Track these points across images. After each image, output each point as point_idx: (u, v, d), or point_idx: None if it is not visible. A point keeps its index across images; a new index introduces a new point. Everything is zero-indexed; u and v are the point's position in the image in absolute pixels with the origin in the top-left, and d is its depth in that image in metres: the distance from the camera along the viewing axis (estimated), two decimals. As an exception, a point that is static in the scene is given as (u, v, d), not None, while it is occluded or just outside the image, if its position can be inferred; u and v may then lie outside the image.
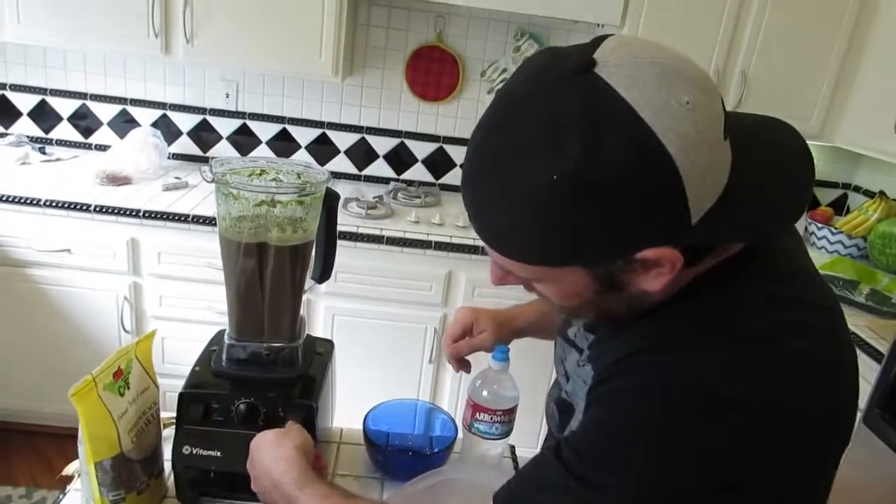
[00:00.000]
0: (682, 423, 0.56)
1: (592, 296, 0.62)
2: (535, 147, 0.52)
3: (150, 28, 2.21)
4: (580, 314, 0.70)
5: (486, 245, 0.61)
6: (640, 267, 0.58)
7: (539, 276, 0.62)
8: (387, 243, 2.20)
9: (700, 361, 0.57)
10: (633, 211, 0.53)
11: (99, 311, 2.27)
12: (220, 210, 0.90)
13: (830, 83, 2.36)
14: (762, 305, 0.60)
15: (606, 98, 0.51)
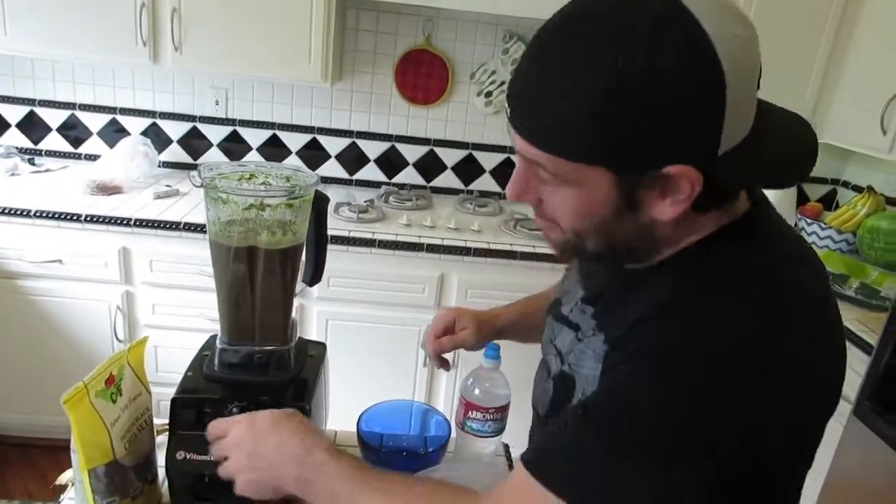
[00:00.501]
0: (713, 378, 0.58)
1: (609, 215, 0.64)
2: (606, 48, 0.56)
3: (138, 37, 2.21)
4: (586, 244, 0.69)
5: (528, 140, 0.63)
6: (660, 186, 0.61)
7: (570, 176, 0.62)
8: (379, 247, 2.21)
9: (725, 320, 0.59)
10: (680, 118, 0.57)
11: (92, 322, 2.26)
12: (210, 215, 0.91)
13: (817, 80, 2.38)
14: (780, 264, 0.65)
15: (675, 9, 0.56)
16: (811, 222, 2.57)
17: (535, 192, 0.68)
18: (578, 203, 0.65)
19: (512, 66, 2.60)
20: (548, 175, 0.64)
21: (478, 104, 2.67)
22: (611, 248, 0.68)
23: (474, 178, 2.80)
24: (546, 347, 0.88)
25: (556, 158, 0.61)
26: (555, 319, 0.86)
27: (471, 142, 2.75)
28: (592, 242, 0.68)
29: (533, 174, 0.66)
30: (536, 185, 0.67)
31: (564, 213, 0.67)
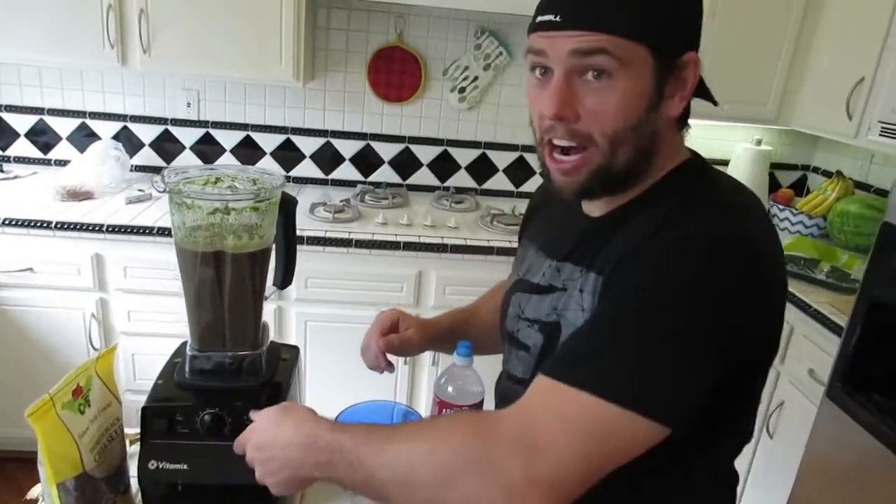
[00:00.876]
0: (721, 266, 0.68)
1: (643, 111, 0.74)
2: None
3: (106, 39, 2.18)
4: (619, 158, 0.76)
5: (585, 27, 0.71)
6: (678, 77, 0.74)
7: (625, 58, 0.71)
8: (355, 246, 2.20)
9: (722, 223, 0.71)
10: (695, 11, 0.76)
11: (66, 330, 2.23)
12: (175, 220, 0.90)
13: (784, 68, 2.41)
14: (737, 186, 0.80)
15: None
16: (783, 208, 2.61)
17: (575, 103, 0.73)
18: (624, 94, 0.72)
19: (484, 62, 2.60)
20: (604, 60, 0.71)
21: (452, 100, 2.67)
22: (633, 163, 0.76)
23: (450, 174, 2.80)
24: (511, 325, 0.94)
25: (612, 37, 0.70)
26: (522, 292, 0.92)
27: (446, 138, 2.74)
28: (623, 153, 0.75)
29: (574, 85, 0.73)
30: (577, 95, 0.73)
31: (608, 113, 0.73)
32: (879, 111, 1.99)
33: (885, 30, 2.00)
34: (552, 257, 0.88)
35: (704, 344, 0.66)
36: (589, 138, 0.75)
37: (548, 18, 0.72)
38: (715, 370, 0.68)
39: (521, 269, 0.96)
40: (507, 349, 0.96)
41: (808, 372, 1.85)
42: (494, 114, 2.72)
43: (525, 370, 0.90)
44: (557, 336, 0.83)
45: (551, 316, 0.85)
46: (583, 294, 0.79)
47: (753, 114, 2.47)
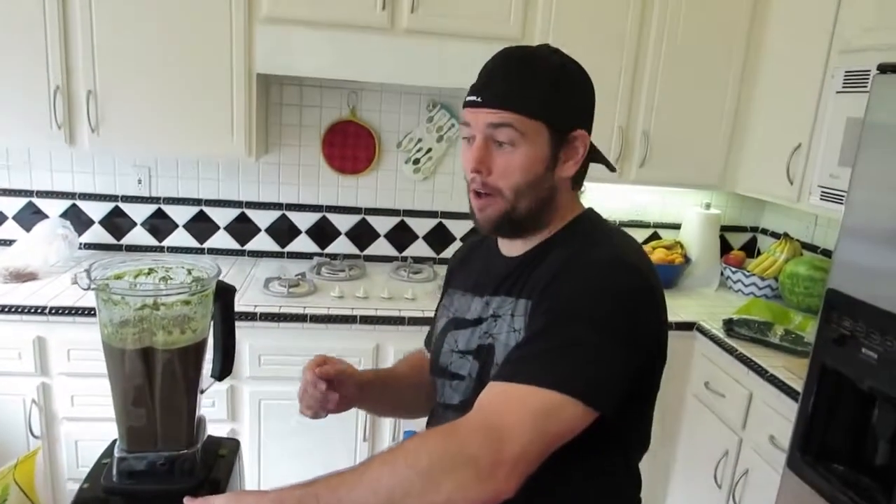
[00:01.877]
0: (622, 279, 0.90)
1: (541, 171, 0.95)
2: (548, 56, 0.97)
3: (53, 119, 2.15)
4: (519, 207, 0.96)
5: (499, 106, 0.92)
6: (569, 147, 0.96)
7: (526, 131, 0.92)
8: (311, 321, 2.16)
9: (614, 250, 0.96)
10: (585, 101, 1.00)
11: (4, 418, 2.11)
12: (101, 317, 0.86)
13: (726, 135, 2.50)
14: (622, 233, 1.03)
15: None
16: (735, 270, 2.65)
17: (489, 161, 0.94)
18: (526, 158, 0.93)
19: (437, 133, 2.65)
20: (509, 134, 0.92)
21: (406, 171, 2.69)
22: (534, 210, 0.97)
23: (408, 244, 2.80)
24: (445, 359, 1.08)
25: (520, 115, 0.91)
26: (455, 329, 1.07)
27: (402, 208, 2.76)
28: (524, 203, 0.96)
29: (489, 148, 0.94)
30: (492, 155, 0.94)
31: (512, 172, 0.94)
32: (818, 176, 2.06)
33: (816, 98, 2.10)
34: (480, 294, 1.05)
35: (618, 339, 0.85)
36: (498, 190, 0.96)
37: (472, 98, 0.95)
38: (630, 360, 0.87)
39: (449, 312, 1.12)
40: (441, 384, 1.09)
41: (770, 439, 1.84)
42: (450, 183, 2.75)
43: (462, 395, 1.03)
44: (492, 356, 0.98)
45: (483, 340, 1.00)
46: (514, 318, 0.96)
47: (699, 179, 2.55)
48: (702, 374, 2.23)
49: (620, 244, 0.98)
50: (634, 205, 2.86)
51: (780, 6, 2.34)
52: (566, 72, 0.96)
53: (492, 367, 0.97)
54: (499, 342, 0.97)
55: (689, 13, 2.37)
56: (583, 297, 0.87)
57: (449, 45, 2.23)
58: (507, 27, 2.29)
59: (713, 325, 2.23)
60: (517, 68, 0.94)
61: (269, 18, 2.18)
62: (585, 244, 0.96)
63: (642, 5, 2.35)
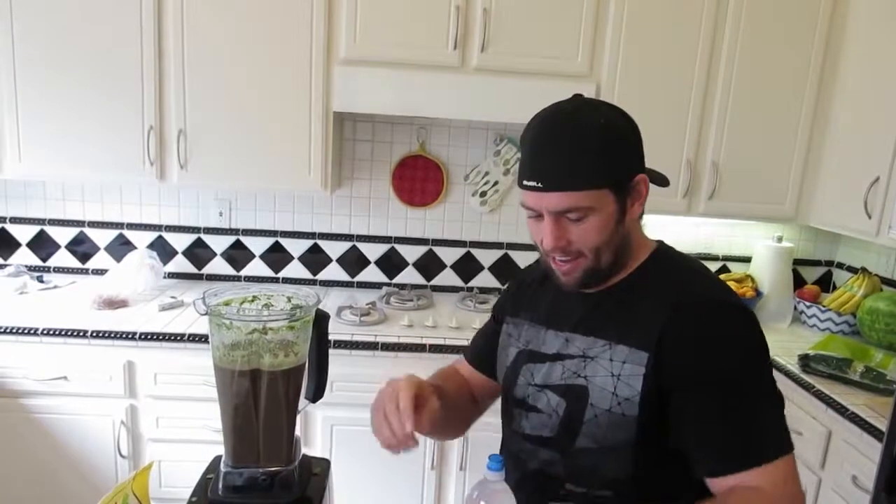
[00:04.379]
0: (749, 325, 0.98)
1: (614, 226, 0.98)
2: (590, 118, 0.96)
3: (146, 157, 2.31)
4: (602, 262, 1.00)
5: (564, 190, 0.94)
6: (634, 192, 1.00)
7: (592, 203, 0.95)
8: (382, 349, 2.22)
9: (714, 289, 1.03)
10: (636, 148, 1.00)
11: (95, 438, 2.24)
12: (214, 340, 0.93)
13: (799, 167, 2.46)
14: (700, 263, 1.10)
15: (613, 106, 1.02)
16: (810, 305, 2.59)
17: (566, 235, 0.98)
18: (598, 224, 0.97)
19: (504, 167, 2.70)
20: (576, 213, 0.95)
21: (473, 204, 2.75)
22: (615, 259, 1.01)
23: (474, 275, 2.85)
24: (522, 391, 1.10)
25: (583, 192, 0.94)
26: (531, 362, 1.10)
27: (468, 240, 2.81)
28: (606, 256, 1.00)
29: (561, 222, 0.97)
30: (565, 229, 0.98)
31: (590, 237, 0.97)
32: (898, 209, 2.01)
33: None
34: (556, 329, 1.08)
35: (773, 384, 0.97)
36: (578, 252, 1.00)
37: (532, 184, 0.97)
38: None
39: (519, 343, 1.15)
40: (518, 413, 1.12)
41: (852, 479, 1.77)
42: (515, 216, 2.79)
43: (543, 429, 1.07)
44: (585, 398, 1.01)
45: (572, 380, 1.03)
46: (612, 363, 1.00)
47: (771, 213, 2.51)
48: (777, 410, 2.17)
49: (714, 278, 1.06)
50: (701, 237, 2.84)
51: (856, 35, 2.31)
52: (612, 128, 0.97)
53: (586, 409, 1.01)
54: (593, 385, 1.01)
55: (760, 42, 2.37)
56: (745, 359, 0.96)
57: (517, 81, 2.30)
58: (574, 64, 2.34)
59: (788, 360, 2.17)
60: (567, 144, 0.95)
61: (346, 60, 2.30)
62: (679, 282, 1.01)
63: (712, 35, 2.36)
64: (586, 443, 1.02)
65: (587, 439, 1.02)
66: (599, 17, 2.33)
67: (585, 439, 1.02)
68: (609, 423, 1.00)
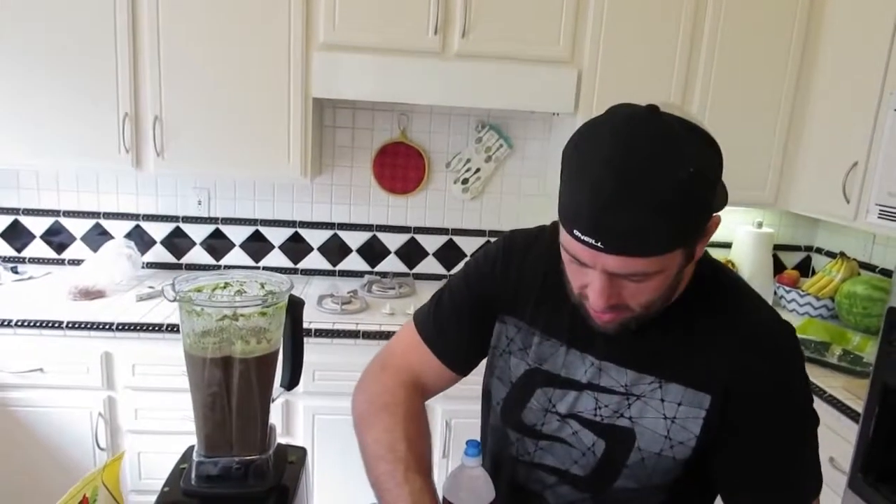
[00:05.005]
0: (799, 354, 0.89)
1: (674, 276, 0.81)
2: (669, 159, 0.72)
3: (122, 145, 2.27)
4: (651, 313, 0.84)
5: (630, 255, 0.74)
6: (705, 234, 0.79)
7: (662, 267, 0.77)
8: (363, 337, 2.20)
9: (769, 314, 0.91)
10: (719, 181, 0.77)
11: (72, 430, 2.21)
12: (184, 327, 0.92)
13: (779, 153, 2.48)
14: (740, 278, 0.97)
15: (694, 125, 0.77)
16: (789, 290, 2.61)
17: (618, 293, 0.80)
18: (660, 284, 0.80)
19: (486, 154, 2.69)
20: (638, 277, 0.78)
21: (455, 191, 2.74)
22: (664, 305, 0.85)
23: (456, 262, 2.84)
24: (535, 417, 0.97)
25: (653, 258, 0.75)
26: (548, 385, 0.96)
27: (450, 227, 2.80)
28: (656, 307, 0.84)
29: (616, 282, 0.79)
30: (620, 287, 0.80)
31: (645, 295, 0.81)
32: (876, 194, 2.03)
33: (873, 115, 2.07)
34: (582, 350, 0.94)
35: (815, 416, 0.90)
36: (625, 307, 0.83)
37: (590, 240, 0.75)
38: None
39: (527, 357, 0.98)
40: (520, 438, 1.00)
41: (829, 460, 1.79)
42: (497, 203, 2.78)
43: (572, 465, 0.95)
44: (630, 441, 0.90)
45: (614, 419, 0.91)
46: (664, 403, 0.89)
47: (752, 198, 2.52)
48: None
49: (756, 296, 0.92)
50: (683, 224, 2.85)
51: (836, 22, 2.32)
52: (702, 180, 0.73)
53: (631, 452, 0.91)
54: (642, 427, 0.90)
55: (740, 30, 2.38)
56: (791, 392, 0.87)
57: (498, 67, 2.28)
58: (556, 50, 2.32)
59: (768, 344, 2.19)
60: (644, 204, 0.72)
61: (325, 45, 2.27)
62: (730, 309, 0.89)
63: (693, 22, 2.36)
64: (626, 484, 0.93)
65: (628, 481, 0.92)
66: (581, 2, 2.32)
67: (626, 481, 0.92)
68: (657, 466, 0.91)
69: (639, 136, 0.73)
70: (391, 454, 0.90)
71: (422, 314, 1.08)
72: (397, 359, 1.07)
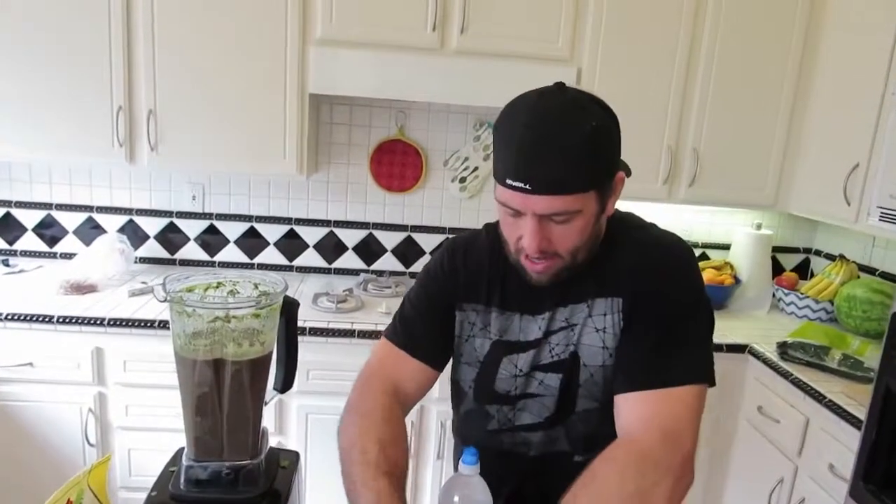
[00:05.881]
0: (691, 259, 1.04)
1: (593, 226, 0.96)
2: (578, 120, 0.90)
3: (115, 138, 2.24)
4: (578, 259, 0.99)
5: (554, 193, 0.90)
6: (613, 191, 0.98)
7: (581, 207, 0.92)
8: (358, 336, 2.18)
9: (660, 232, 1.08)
10: (615, 147, 0.96)
11: (63, 426, 2.18)
12: (175, 327, 0.89)
13: (779, 154, 2.46)
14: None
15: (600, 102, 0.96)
16: (788, 292, 2.59)
17: (547, 237, 0.94)
18: (581, 226, 0.94)
19: (484, 152, 2.66)
20: (562, 216, 0.92)
21: (453, 190, 2.71)
22: (588, 255, 1.00)
23: (453, 261, 2.81)
24: (506, 385, 1.08)
25: (572, 196, 0.91)
26: (511, 352, 1.08)
27: (448, 226, 2.77)
28: (581, 255, 0.98)
29: (545, 225, 0.93)
30: (548, 230, 0.94)
31: (571, 239, 0.95)
32: (877, 197, 2.01)
33: (875, 117, 2.05)
34: (536, 314, 1.06)
35: (706, 313, 1.01)
36: (555, 254, 0.97)
37: (519, 185, 0.90)
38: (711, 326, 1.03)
39: (490, 333, 1.10)
40: (498, 410, 1.09)
41: (829, 467, 1.78)
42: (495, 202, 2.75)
43: (543, 410, 1.06)
44: (577, 365, 1.02)
45: (564, 353, 1.03)
46: (593, 318, 1.02)
47: (751, 199, 2.50)
48: (755, 398, 2.18)
49: (659, 227, 1.09)
50: (681, 224, 2.83)
51: (836, 22, 2.30)
52: (602, 131, 0.91)
53: (580, 371, 1.03)
54: (582, 346, 1.02)
55: (742, 28, 2.35)
56: (672, 287, 0.99)
57: (497, 64, 2.25)
58: (555, 48, 2.30)
59: (766, 347, 2.17)
60: (559, 149, 0.89)
61: (322, 40, 2.24)
62: (637, 238, 1.05)
63: (693, 21, 2.34)
64: (587, 405, 1.04)
65: (586, 401, 1.03)
66: (580, 0, 2.29)
67: (584, 401, 1.04)
68: (604, 377, 1.02)
69: (550, 104, 0.91)
70: (362, 456, 0.94)
71: (390, 328, 1.18)
72: (375, 370, 1.13)
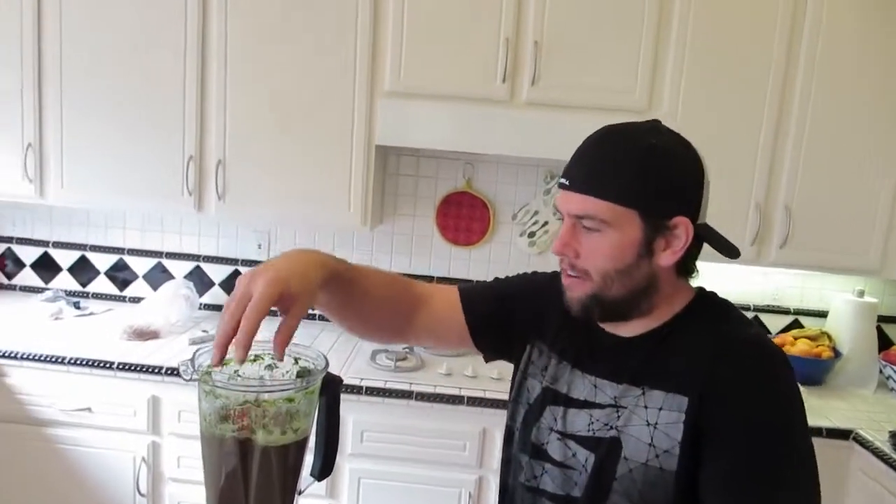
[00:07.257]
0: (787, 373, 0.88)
1: (632, 258, 0.89)
2: (643, 136, 0.89)
3: (185, 187, 2.26)
4: (610, 292, 0.91)
5: (588, 192, 0.88)
6: (667, 236, 0.89)
7: (612, 218, 0.87)
8: (416, 399, 2.07)
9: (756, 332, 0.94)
10: (685, 184, 0.90)
11: (115, 473, 2.16)
12: (202, 407, 0.81)
13: (885, 213, 2.22)
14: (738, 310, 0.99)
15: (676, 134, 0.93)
16: (896, 369, 2.32)
17: (577, 245, 0.91)
18: (613, 244, 0.89)
19: (554, 206, 2.54)
20: (594, 222, 0.88)
21: (521, 244, 2.60)
22: (627, 297, 0.92)
23: (519, 319, 2.68)
24: (541, 437, 1.01)
25: (607, 203, 0.87)
26: (556, 405, 1.00)
27: (515, 282, 2.65)
28: (616, 288, 0.91)
29: (577, 230, 0.91)
30: (579, 238, 0.91)
31: (600, 255, 0.90)
32: None
33: None
34: (586, 372, 0.99)
35: (808, 441, 0.85)
36: (585, 272, 0.92)
37: (562, 181, 0.93)
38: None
39: (545, 378, 1.04)
40: (532, 464, 1.01)
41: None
42: (566, 258, 2.62)
43: (571, 488, 0.96)
44: (617, 451, 0.92)
45: (603, 432, 0.94)
46: (647, 410, 0.91)
47: (853, 263, 2.26)
48: (861, 493, 1.92)
49: (751, 324, 0.97)
50: (770, 288, 2.60)
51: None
52: (664, 154, 0.88)
53: (618, 463, 0.92)
54: (627, 435, 0.92)
55: (840, 75, 2.16)
56: (765, 403, 0.85)
57: (569, 116, 2.16)
58: (631, 99, 2.18)
59: (876, 434, 1.92)
60: (611, 154, 0.90)
61: (390, 93, 2.21)
62: (718, 332, 0.91)
63: (785, 65, 2.16)
64: (619, 500, 0.92)
65: (620, 497, 0.92)
66: (660, 48, 2.17)
67: (618, 497, 0.92)
68: (645, 478, 0.90)
69: (627, 126, 0.92)
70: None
71: (468, 285, 1.18)
72: (425, 285, 1.17)
